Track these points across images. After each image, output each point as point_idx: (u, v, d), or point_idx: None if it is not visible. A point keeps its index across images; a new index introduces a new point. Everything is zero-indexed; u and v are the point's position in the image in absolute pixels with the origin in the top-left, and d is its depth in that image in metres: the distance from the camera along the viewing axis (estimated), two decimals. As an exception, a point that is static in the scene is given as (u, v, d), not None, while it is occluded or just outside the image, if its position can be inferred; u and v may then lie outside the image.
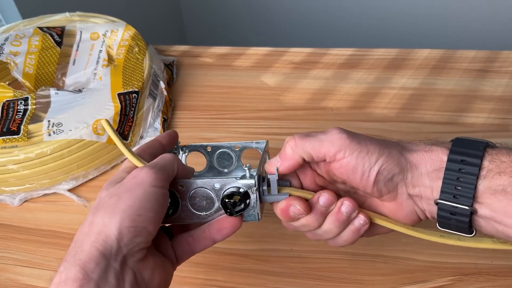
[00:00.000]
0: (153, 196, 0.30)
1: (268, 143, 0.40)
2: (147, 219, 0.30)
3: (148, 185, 0.31)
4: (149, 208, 0.30)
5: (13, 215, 0.53)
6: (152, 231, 0.31)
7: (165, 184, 0.32)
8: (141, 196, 0.30)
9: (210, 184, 0.34)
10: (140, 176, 0.31)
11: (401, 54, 0.70)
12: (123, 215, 0.29)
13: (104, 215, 0.29)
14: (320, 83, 0.66)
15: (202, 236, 0.35)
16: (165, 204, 0.32)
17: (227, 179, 0.33)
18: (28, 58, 0.62)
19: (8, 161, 0.51)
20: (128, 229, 0.29)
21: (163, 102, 0.62)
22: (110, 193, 0.31)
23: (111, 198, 0.30)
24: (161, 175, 0.31)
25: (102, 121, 0.36)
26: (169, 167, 0.33)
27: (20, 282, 0.46)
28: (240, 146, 0.41)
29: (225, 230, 0.35)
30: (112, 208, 0.30)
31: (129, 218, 0.29)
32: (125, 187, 0.31)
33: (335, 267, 0.44)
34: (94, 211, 0.30)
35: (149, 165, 0.32)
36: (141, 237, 0.30)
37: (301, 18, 1.65)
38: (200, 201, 0.35)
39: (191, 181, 0.34)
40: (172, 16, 1.71)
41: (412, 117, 0.59)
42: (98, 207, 0.30)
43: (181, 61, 0.74)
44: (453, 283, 0.42)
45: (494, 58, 0.68)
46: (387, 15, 1.53)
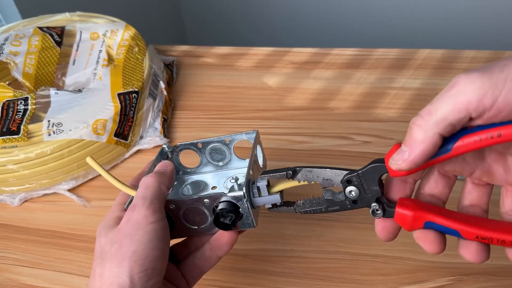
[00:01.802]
0: (154, 233, 0.30)
1: (258, 133, 0.40)
2: (154, 259, 0.29)
3: (145, 224, 0.30)
4: (153, 247, 0.29)
5: (13, 215, 0.53)
6: (162, 268, 0.30)
7: (160, 215, 0.31)
8: (142, 238, 0.29)
9: (199, 201, 0.34)
10: (134, 217, 0.30)
11: (401, 54, 0.70)
12: (130, 262, 0.28)
13: (112, 266, 0.29)
14: (320, 83, 0.66)
15: (206, 256, 0.35)
16: (166, 235, 0.31)
17: (215, 194, 0.33)
18: (28, 58, 0.62)
19: (8, 161, 0.51)
20: (138, 275, 0.28)
21: (163, 102, 0.62)
22: (110, 241, 0.30)
23: (113, 246, 0.30)
24: (153, 208, 0.31)
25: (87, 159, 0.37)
26: (158, 193, 0.32)
27: (20, 282, 0.46)
28: (230, 139, 0.41)
29: (224, 247, 0.35)
30: (117, 256, 0.29)
31: (137, 263, 0.29)
32: (124, 233, 0.30)
33: (335, 267, 0.44)
34: (100, 262, 0.30)
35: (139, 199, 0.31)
36: (153, 279, 0.29)
37: (301, 18, 1.65)
38: (194, 217, 0.35)
39: (181, 200, 0.34)
40: (172, 16, 1.71)
41: (412, 117, 0.59)
42: (103, 257, 0.30)
43: (181, 61, 0.74)
44: (453, 283, 0.42)
45: (495, 58, 0.68)
46: (387, 15, 1.53)
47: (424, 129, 0.24)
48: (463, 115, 0.23)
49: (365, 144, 0.56)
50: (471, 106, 0.22)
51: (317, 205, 0.32)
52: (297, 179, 0.32)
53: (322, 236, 0.47)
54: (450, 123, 0.23)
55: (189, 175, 0.43)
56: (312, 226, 0.47)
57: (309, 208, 0.32)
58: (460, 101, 0.23)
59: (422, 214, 0.27)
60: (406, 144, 0.25)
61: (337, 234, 0.47)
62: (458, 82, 0.23)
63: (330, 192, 0.31)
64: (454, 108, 0.23)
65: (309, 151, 0.56)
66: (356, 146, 0.56)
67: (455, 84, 0.23)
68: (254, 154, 0.37)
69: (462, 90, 0.22)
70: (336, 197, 0.31)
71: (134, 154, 0.58)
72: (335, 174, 0.30)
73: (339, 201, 0.31)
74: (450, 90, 0.23)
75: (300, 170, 0.31)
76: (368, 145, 0.56)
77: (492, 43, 1.42)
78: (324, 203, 0.32)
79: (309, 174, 0.31)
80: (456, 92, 0.23)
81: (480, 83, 0.22)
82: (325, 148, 0.56)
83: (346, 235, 0.46)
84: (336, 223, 0.47)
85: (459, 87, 0.23)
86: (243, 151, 0.42)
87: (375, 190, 0.29)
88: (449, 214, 0.27)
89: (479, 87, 0.22)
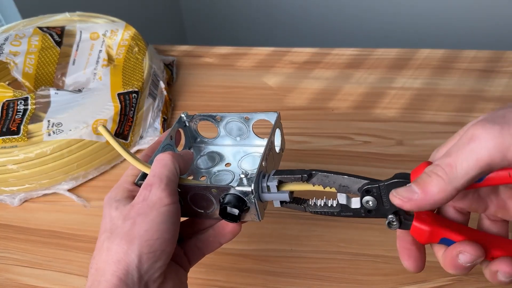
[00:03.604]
0: (167, 216, 0.30)
1: (279, 116, 0.39)
2: (164, 241, 0.29)
3: (160, 205, 0.30)
4: (165, 230, 0.30)
5: (13, 215, 0.53)
6: (170, 252, 0.30)
7: (175, 198, 0.31)
8: (156, 219, 0.29)
9: (207, 189, 0.33)
10: (150, 198, 0.30)
11: (401, 54, 0.70)
12: (141, 241, 0.29)
13: (122, 242, 0.29)
14: (320, 83, 0.66)
15: (209, 241, 0.35)
16: (178, 218, 0.31)
17: (224, 186, 0.33)
18: (28, 58, 0.62)
19: (8, 161, 0.51)
20: (147, 255, 0.29)
21: (163, 102, 0.62)
22: (123, 216, 0.30)
23: (125, 223, 0.30)
24: (169, 190, 0.31)
25: (99, 127, 0.36)
26: (172, 173, 0.32)
27: (20, 282, 0.46)
28: (250, 117, 0.40)
29: (227, 235, 0.35)
30: (129, 234, 0.29)
31: (147, 243, 0.29)
32: (138, 211, 0.30)
33: (335, 267, 0.44)
34: (110, 236, 0.30)
35: (154, 178, 0.31)
36: (160, 261, 0.29)
37: (301, 18, 1.65)
38: (200, 202, 0.35)
39: (189, 186, 0.34)
40: (172, 16, 1.71)
41: (412, 117, 0.59)
42: (113, 232, 0.30)
43: (181, 61, 0.74)
44: (453, 283, 0.42)
45: (495, 58, 0.68)
46: (387, 15, 1.53)
47: (444, 181, 0.24)
48: (485, 169, 0.23)
49: (365, 144, 0.56)
50: (494, 161, 0.22)
51: (330, 208, 0.31)
52: (311, 183, 0.31)
53: (322, 236, 0.46)
54: (471, 178, 0.23)
55: (206, 144, 0.43)
56: (312, 226, 0.47)
57: (320, 209, 0.32)
58: (482, 157, 0.22)
59: (439, 230, 0.27)
60: (419, 187, 0.25)
61: (337, 234, 0.47)
62: (477, 136, 0.23)
63: (345, 197, 0.31)
64: (476, 164, 0.23)
65: (309, 151, 0.56)
66: (356, 146, 0.56)
67: (473, 137, 0.23)
68: (271, 142, 0.36)
69: (484, 146, 0.22)
70: (350, 203, 0.30)
71: (134, 154, 0.58)
72: (353, 181, 0.30)
73: (354, 208, 0.30)
74: (470, 144, 0.23)
75: (316, 174, 0.31)
76: (368, 145, 0.56)
77: (492, 43, 1.42)
78: (337, 207, 0.31)
79: (325, 179, 0.30)
80: (477, 147, 0.23)
81: (501, 138, 0.22)
82: (325, 148, 0.56)
83: (346, 235, 0.46)
84: (336, 223, 0.47)
85: (479, 141, 0.23)
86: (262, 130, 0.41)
87: None
88: (467, 232, 0.27)
89: (501, 142, 0.22)
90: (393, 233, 0.46)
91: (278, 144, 0.40)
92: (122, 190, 0.33)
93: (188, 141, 0.42)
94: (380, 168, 0.53)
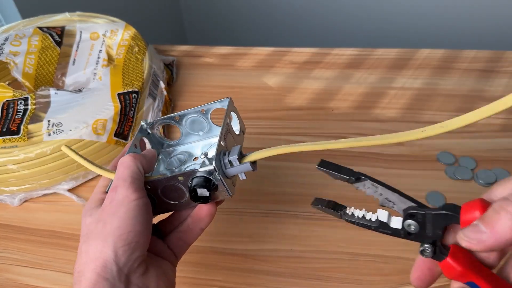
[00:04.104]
0: (136, 210, 0.31)
1: (231, 101, 0.39)
2: (137, 233, 0.31)
3: (127, 202, 0.31)
4: (136, 223, 0.31)
5: (13, 215, 0.53)
6: (144, 242, 0.31)
7: (142, 193, 0.32)
8: (125, 214, 0.31)
9: (174, 179, 0.34)
10: (117, 197, 0.32)
11: (401, 54, 0.70)
12: (114, 237, 0.30)
13: (97, 242, 0.30)
14: (320, 83, 0.66)
15: (189, 229, 0.36)
16: (149, 211, 0.33)
17: (188, 171, 0.34)
18: (28, 58, 0.62)
19: (8, 161, 0.51)
20: (123, 248, 0.30)
21: (163, 102, 0.62)
22: (95, 219, 0.32)
23: (98, 225, 0.31)
24: (134, 187, 0.32)
25: (62, 147, 0.39)
26: (136, 173, 0.33)
27: (20, 282, 0.46)
28: (205, 109, 0.41)
29: (205, 219, 0.36)
30: (102, 233, 0.30)
31: (121, 238, 0.30)
32: (108, 212, 0.31)
33: (335, 267, 0.44)
34: (86, 240, 0.31)
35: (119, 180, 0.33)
36: (137, 251, 0.31)
37: (301, 18, 1.65)
38: (172, 193, 0.35)
39: (156, 180, 0.35)
40: (172, 16, 1.71)
41: (412, 117, 0.59)
42: (89, 236, 0.31)
43: (181, 61, 0.74)
44: (453, 283, 0.42)
45: (495, 58, 0.68)
46: (387, 15, 1.53)
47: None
48: None
49: (365, 144, 0.56)
50: None
51: (368, 221, 0.31)
52: (355, 186, 0.30)
53: (322, 236, 0.46)
54: None
55: (174, 147, 0.43)
56: (312, 226, 0.47)
57: (357, 220, 0.31)
58: None
59: (470, 274, 0.26)
60: (487, 225, 0.23)
61: (337, 234, 0.47)
62: None
63: (386, 215, 0.30)
64: None
65: (309, 151, 0.55)
66: (356, 146, 0.56)
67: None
68: (227, 124, 0.37)
69: None
70: (390, 221, 0.30)
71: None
72: (400, 200, 0.29)
73: (393, 227, 0.30)
74: None
75: (365, 180, 0.30)
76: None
77: (492, 43, 1.42)
78: (375, 223, 0.30)
79: (372, 187, 0.30)
80: None
81: None
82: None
83: (346, 235, 0.46)
84: (336, 223, 0.47)
85: None
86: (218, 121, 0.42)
87: (437, 234, 0.28)
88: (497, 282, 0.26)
89: None
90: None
91: (238, 127, 0.40)
92: (95, 200, 0.34)
93: (155, 148, 0.43)
94: (380, 168, 0.53)
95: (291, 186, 0.52)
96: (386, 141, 0.28)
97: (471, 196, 0.50)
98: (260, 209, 0.50)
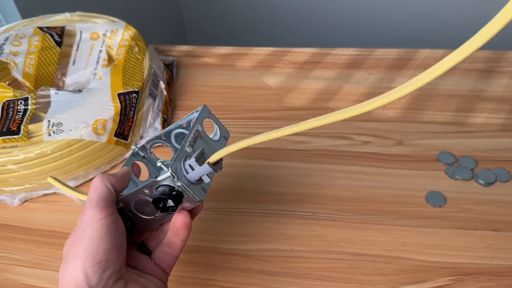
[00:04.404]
0: (103, 228, 0.31)
1: (205, 108, 0.39)
2: (106, 251, 0.30)
3: (93, 222, 0.31)
4: (103, 241, 0.30)
5: (13, 215, 0.53)
6: (116, 259, 0.31)
7: (109, 211, 0.32)
8: (91, 235, 0.31)
9: (140, 192, 0.33)
10: (84, 218, 0.32)
11: (401, 54, 0.70)
12: (81, 259, 0.30)
13: (69, 266, 0.30)
14: (320, 83, 0.66)
15: (171, 243, 0.36)
16: (118, 229, 0.32)
17: (149, 182, 0.33)
18: (28, 58, 0.62)
19: (8, 161, 0.51)
20: (92, 268, 0.29)
21: (163, 102, 0.62)
22: (69, 243, 0.32)
23: (70, 248, 0.31)
24: (100, 206, 0.32)
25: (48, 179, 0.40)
26: (103, 192, 0.33)
27: (20, 282, 0.46)
28: (186, 122, 0.40)
29: (182, 231, 0.35)
30: (72, 256, 0.30)
31: (88, 259, 0.30)
32: (77, 234, 0.31)
33: (335, 267, 0.44)
34: (62, 265, 0.31)
35: (87, 202, 0.33)
36: (108, 270, 0.30)
37: (301, 18, 1.65)
38: (145, 208, 0.35)
39: (124, 196, 0.34)
40: (172, 16, 1.71)
41: (412, 117, 0.59)
42: (64, 260, 0.31)
43: (181, 61, 0.74)
44: (453, 283, 0.42)
45: (495, 58, 0.68)
46: (387, 15, 1.53)
47: None
48: None
49: (365, 144, 0.56)
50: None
51: None
52: None
53: (322, 236, 0.47)
54: None
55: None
56: (312, 226, 0.47)
57: None
58: None
59: None
60: None
61: (337, 234, 0.47)
62: None
63: None
64: None
65: (309, 151, 0.56)
66: (356, 146, 0.56)
67: None
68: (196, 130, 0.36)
69: None
70: None
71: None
72: None
73: None
74: None
75: None
76: (368, 145, 0.56)
77: (492, 43, 1.42)
78: None
79: None
80: None
81: None
82: (325, 148, 0.56)
83: (346, 235, 0.46)
84: (336, 223, 0.47)
85: None
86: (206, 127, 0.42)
87: None
88: None
89: None
90: (393, 233, 0.46)
91: (217, 133, 0.39)
92: None
93: (153, 170, 0.42)
94: (380, 168, 0.53)
95: (291, 186, 0.52)
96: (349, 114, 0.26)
97: (471, 196, 0.50)
98: (260, 209, 0.50)
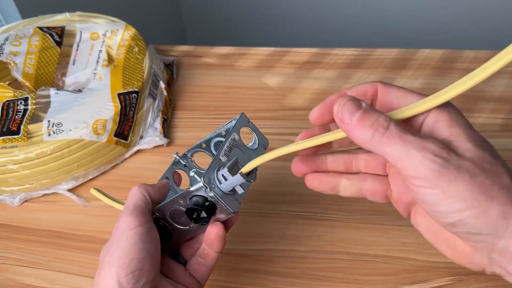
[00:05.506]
0: (137, 237, 0.31)
1: (243, 116, 0.38)
2: (140, 260, 0.30)
3: (128, 229, 0.31)
4: (138, 250, 0.30)
5: (13, 215, 0.53)
6: (150, 268, 0.31)
7: (143, 219, 0.32)
8: (125, 243, 0.31)
9: (174, 202, 0.33)
10: (119, 226, 0.32)
11: (401, 54, 0.70)
12: (116, 267, 0.30)
13: (104, 273, 0.30)
14: (320, 83, 0.66)
15: (205, 254, 0.36)
16: (152, 238, 0.32)
17: (182, 192, 0.33)
18: (28, 58, 0.62)
19: (8, 161, 0.51)
20: (126, 278, 0.29)
21: (163, 102, 0.62)
22: (105, 249, 0.32)
23: (105, 255, 0.31)
24: (135, 213, 0.32)
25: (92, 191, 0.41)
26: (140, 200, 0.33)
27: (20, 282, 0.46)
28: (225, 130, 0.40)
29: (215, 242, 0.35)
30: (107, 263, 0.30)
31: (122, 267, 0.30)
32: (112, 241, 0.32)
33: (335, 267, 0.44)
34: (98, 272, 0.31)
35: (124, 209, 0.33)
36: (142, 279, 0.30)
37: (301, 18, 1.65)
38: (180, 218, 0.35)
39: (160, 206, 0.34)
40: (172, 16, 1.71)
41: (412, 117, 0.59)
42: (100, 266, 0.31)
43: (181, 61, 0.74)
44: (453, 283, 0.42)
45: (494, 58, 0.67)
46: (387, 15, 1.53)
47: None
48: None
49: (365, 144, 0.56)
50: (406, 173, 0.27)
51: None
52: None
53: (322, 236, 0.47)
54: None
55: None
56: (312, 226, 0.47)
57: None
58: None
59: None
60: None
61: (337, 234, 0.47)
62: None
63: None
64: None
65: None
66: (356, 146, 0.56)
67: None
68: (232, 139, 0.36)
69: None
70: None
71: (134, 154, 0.58)
72: None
73: None
74: None
75: None
76: (368, 145, 0.56)
77: (492, 43, 1.42)
78: None
79: None
80: None
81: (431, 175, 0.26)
82: (325, 148, 0.56)
83: (346, 235, 0.46)
84: (336, 223, 0.47)
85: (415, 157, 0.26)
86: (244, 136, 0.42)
87: None
88: None
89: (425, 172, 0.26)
90: (393, 233, 0.46)
91: (256, 142, 0.39)
92: None
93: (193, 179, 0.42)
94: (380, 168, 0.53)
95: (291, 186, 0.52)
96: None
97: (471, 196, 0.50)
98: (260, 209, 0.50)
